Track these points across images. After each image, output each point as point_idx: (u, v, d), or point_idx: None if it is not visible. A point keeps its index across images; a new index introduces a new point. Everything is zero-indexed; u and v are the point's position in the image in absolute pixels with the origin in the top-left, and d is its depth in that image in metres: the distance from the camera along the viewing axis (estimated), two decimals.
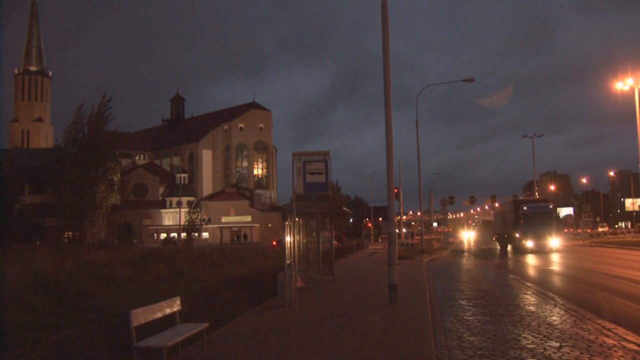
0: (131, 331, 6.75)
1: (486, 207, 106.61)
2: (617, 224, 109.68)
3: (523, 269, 23.71)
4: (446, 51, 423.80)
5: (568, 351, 7.62)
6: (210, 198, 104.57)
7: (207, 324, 8.10)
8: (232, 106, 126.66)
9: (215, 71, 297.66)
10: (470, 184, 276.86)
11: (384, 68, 13.58)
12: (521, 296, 14.00)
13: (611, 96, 41.35)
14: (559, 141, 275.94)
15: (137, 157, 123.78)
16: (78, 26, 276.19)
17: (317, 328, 9.83)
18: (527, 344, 8.13)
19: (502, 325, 9.79)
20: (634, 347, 7.79)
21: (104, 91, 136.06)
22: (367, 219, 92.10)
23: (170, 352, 7.22)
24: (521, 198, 58.06)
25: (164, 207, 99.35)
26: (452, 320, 10.51)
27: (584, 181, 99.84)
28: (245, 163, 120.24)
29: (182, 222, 77.66)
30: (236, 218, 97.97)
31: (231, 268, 22.14)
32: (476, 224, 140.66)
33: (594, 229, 69.26)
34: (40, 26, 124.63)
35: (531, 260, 28.92)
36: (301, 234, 15.96)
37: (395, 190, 14.42)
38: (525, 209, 36.00)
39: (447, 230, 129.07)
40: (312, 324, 10.12)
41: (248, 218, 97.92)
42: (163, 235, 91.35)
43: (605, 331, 8.93)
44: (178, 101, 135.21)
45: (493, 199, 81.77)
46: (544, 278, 19.80)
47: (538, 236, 34.79)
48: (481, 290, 15.80)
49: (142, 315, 7.09)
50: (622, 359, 7.22)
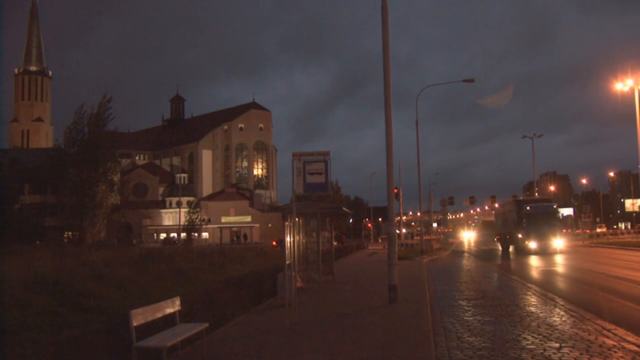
0: (131, 331, 6.75)
1: (486, 208, 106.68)
2: (616, 225, 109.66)
3: (524, 270, 23.54)
4: (446, 51, 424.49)
5: (568, 352, 7.62)
6: (210, 198, 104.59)
7: (207, 324, 8.11)
8: (232, 106, 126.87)
9: (215, 71, 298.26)
10: (470, 184, 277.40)
11: (384, 68, 13.59)
12: (521, 297, 14.00)
13: (611, 97, 41.46)
14: (559, 141, 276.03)
15: (137, 157, 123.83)
16: (78, 26, 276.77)
17: (317, 328, 9.84)
18: (527, 345, 8.13)
19: (502, 325, 9.79)
20: (634, 348, 7.79)
21: (104, 91, 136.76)
22: (367, 219, 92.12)
23: (170, 352, 7.22)
24: (522, 198, 58.04)
25: (164, 207, 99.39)
26: (452, 320, 10.51)
27: (584, 182, 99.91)
28: (245, 163, 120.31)
29: (182, 222, 77.63)
30: (236, 218, 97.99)
31: (231, 268, 22.13)
32: (476, 225, 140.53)
33: (593, 230, 69.30)
34: (40, 26, 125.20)
35: (534, 261, 28.51)
36: (301, 234, 15.96)
37: (395, 190, 14.43)
38: (528, 209, 35.13)
39: (447, 230, 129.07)
40: (312, 324, 10.12)
41: (248, 218, 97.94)
42: (163, 235, 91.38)
43: (605, 332, 8.93)
44: (178, 101, 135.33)
45: (493, 200, 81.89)
46: (547, 280, 19.77)
47: (541, 237, 33.99)
48: (481, 290, 15.79)
49: (142, 315, 7.09)
50: None
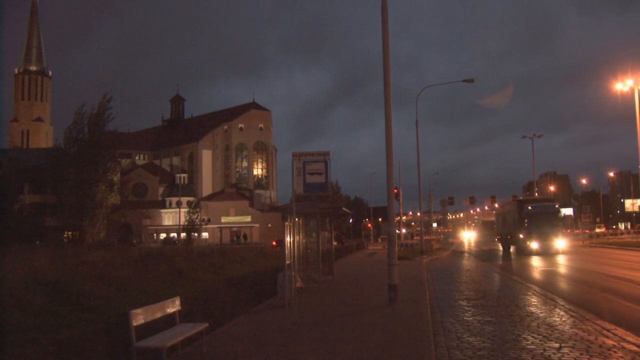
0: (131, 331, 6.76)
1: (486, 208, 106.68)
2: (615, 225, 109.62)
3: (525, 271, 23.39)
4: (446, 51, 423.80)
5: (568, 352, 7.62)
6: (210, 198, 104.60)
7: (207, 324, 8.11)
8: (232, 106, 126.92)
9: (215, 71, 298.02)
10: (470, 185, 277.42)
11: (384, 68, 13.59)
12: (521, 297, 13.99)
13: (611, 97, 41.53)
14: (559, 142, 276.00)
15: (137, 157, 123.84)
16: (78, 26, 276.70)
17: (317, 328, 9.84)
18: (527, 345, 8.13)
19: (502, 325, 9.79)
20: (634, 348, 7.80)
21: (104, 91, 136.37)
22: (367, 220, 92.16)
23: (169, 352, 7.22)
24: (522, 198, 57.99)
25: (164, 207, 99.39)
26: (452, 320, 10.51)
27: (584, 182, 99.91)
28: (245, 163, 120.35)
29: (182, 222, 77.68)
30: (236, 218, 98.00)
31: (231, 268, 22.15)
32: (476, 225, 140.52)
33: (592, 230, 69.33)
34: (40, 26, 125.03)
35: (535, 261, 28.26)
36: (301, 234, 15.97)
37: (395, 190, 14.43)
38: (530, 209, 34.66)
39: (447, 230, 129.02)
40: (312, 324, 10.12)
41: (248, 218, 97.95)
42: (163, 235, 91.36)
43: (604, 332, 8.94)
44: (178, 101, 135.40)
45: (493, 200, 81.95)
46: (548, 280, 19.75)
47: (543, 237, 33.52)
48: (481, 290, 15.79)
49: (142, 315, 7.10)
50: None
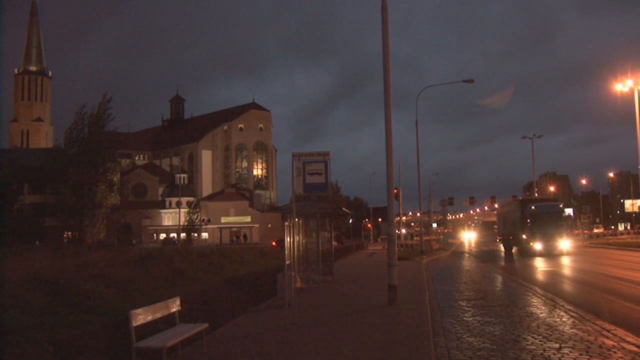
0: (131, 331, 6.76)
1: (485, 208, 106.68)
2: (613, 226, 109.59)
3: (525, 271, 23.20)
4: (446, 51, 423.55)
5: (568, 352, 7.62)
6: (209, 198, 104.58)
7: (207, 324, 8.11)
8: (232, 106, 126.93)
9: (215, 71, 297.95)
10: (469, 185, 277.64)
11: (384, 69, 13.59)
12: (521, 297, 14.00)
13: (611, 97, 41.57)
14: (559, 142, 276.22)
15: (137, 157, 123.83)
16: (78, 26, 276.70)
17: (317, 328, 9.84)
18: (527, 345, 8.13)
19: (502, 326, 9.79)
20: (633, 349, 7.79)
21: (104, 91, 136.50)
22: (367, 220, 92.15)
23: (169, 353, 7.22)
24: (522, 197, 57.94)
25: (164, 208, 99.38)
26: (452, 321, 10.51)
27: (584, 182, 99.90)
28: (244, 163, 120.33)
29: (182, 223, 77.68)
30: (236, 218, 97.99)
31: (231, 268, 22.11)
32: (476, 225, 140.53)
33: (590, 230, 69.38)
34: (40, 26, 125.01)
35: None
36: (301, 235, 15.97)
37: (394, 190, 14.43)
38: (533, 209, 34.00)
39: (447, 231, 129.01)
40: (312, 325, 10.12)
41: (247, 218, 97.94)
42: (162, 235, 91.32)
43: (604, 332, 8.93)
44: (178, 101, 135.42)
45: (493, 200, 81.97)
46: (550, 282, 19.73)
47: (547, 238, 32.85)
48: (481, 291, 15.79)
49: (142, 315, 7.10)
50: None
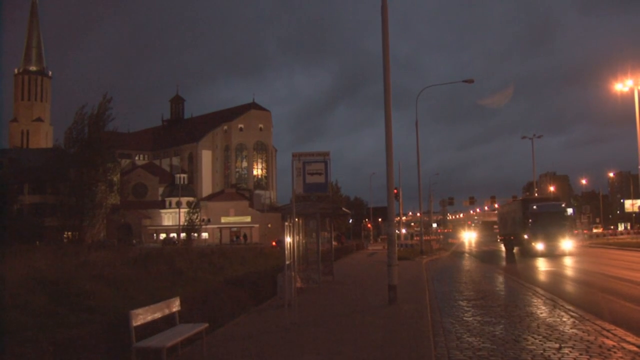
0: (131, 331, 6.76)
1: (485, 208, 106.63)
2: (612, 226, 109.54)
3: (526, 272, 23.03)
4: (446, 52, 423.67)
5: (567, 352, 7.62)
6: (209, 198, 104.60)
7: (207, 325, 8.11)
8: (232, 106, 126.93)
9: (215, 71, 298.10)
10: (469, 185, 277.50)
11: (384, 69, 13.59)
12: (521, 297, 13.99)
13: (611, 97, 41.62)
14: (559, 142, 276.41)
15: (137, 157, 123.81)
16: (78, 26, 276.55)
17: (317, 328, 9.84)
18: (527, 345, 8.13)
19: (502, 326, 9.80)
20: (633, 348, 7.79)
21: (104, 91, 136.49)
22: (367, 220, 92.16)
23: (169, 353, 7.22)
24: (523, 197, 57.91)
25: (164, 208, 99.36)
26: (452, 321, 10.51)
27: (584, 182, 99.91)
28: (244, 163, 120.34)
29: (182, 223, 77.65)
30: (236, 218, 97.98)
31: (231, 268, 22.08)
32: (476, 225, 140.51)
33: (589, 230, 69.39)
34: (40, 26, 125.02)
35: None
36: (301, 235, 15.96)
37: (395, 191, 14.43)
38: (535, 208, 33.48)
39: (447, 231, 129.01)
40: (312, 325, 10.12)
41: (247, 218, 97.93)
42: (162, 235, 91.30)
43: (604, 332, 8.93)
44: (178, 101, 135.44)
45: (493, 200, 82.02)
46: (550, 281, 19.71)
47: (549, 238, 32.29)
48: (480, 291, 15.79)
49: (142, 315, 7.10)
50: None
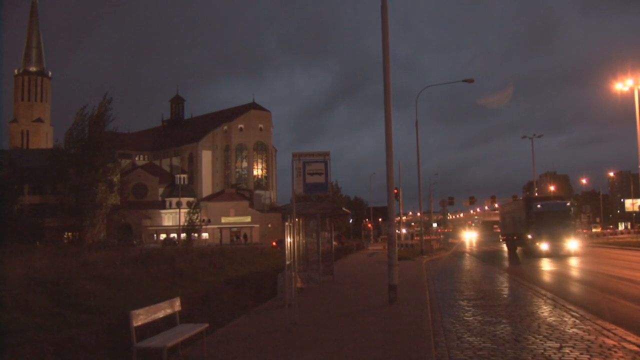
0: (131, 332, 6.76)
1: (486, 208, 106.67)
2: (611, 225, 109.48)
3: (527, 272, 22.91)
4: (446, 51, 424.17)
5: (568, 352, 7.62)
6: (210, 198, 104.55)
7: (207, 325, 8.11)
8: (232, 106, 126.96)
9: (215, 71, 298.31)
10: (469, 185, 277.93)
11: (384, 68, 13.59)
12: (521, 297, 13.99)
13: (611, 97, 41.61)
14: (559, 142, 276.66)
15: (137, 158, 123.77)
16: (78, 26, 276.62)
17: (317, 328, 9.83)
18: (527, 345, 8.13)
19: (502, 325, 9.80)
20: (634, 348, 7.79)
21: (104, 92, 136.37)
22: (367, 220, 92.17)
23: (170, 353, 7.21)
24: (524, 197, 57.85)
25: (164, 208, 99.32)
26: (452, 320, 10.51)
27: (584, 182, 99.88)
28: (244, 163, 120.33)
29: (182, 223, 77.60)
30: (236, 218, 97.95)
31: (231, 269, 22.12)
32: (476, 225, 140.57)
33: (589, 230, 69.36)
34: (40, 26, 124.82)
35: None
36: (301, 235, 15.96)
37: (395, 190, 14.43)
38: (539, 207, 32.84)
39: (447, 230, 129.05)
40: (312, 325, 10.12)
41: (248, 218, 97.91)
42: (163, 235, 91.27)
43: (605, 332, 8.93)
44: (178, 101, 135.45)
45: (493, 200, 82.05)
46: (551, 281, 19.72)
47: (554, 238, 31.61)
48: (481, 291, 15.78)
49: (142, 315, 7.10)
50: None
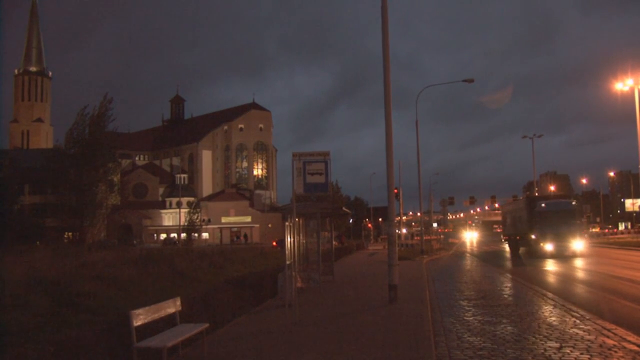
0: (131, 331, 6.76)
1: (486, 208, 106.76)
2: (610, 225, 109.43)
3: (529, 272, 22.94)
4: (447, 51, 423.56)
5: (568, 351, 7.62)
6: (210, 198, 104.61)
7: (207, 325, 8.11)
8: (232, 106, 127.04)
9: (215, 71, 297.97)
10: (470, 185, 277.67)
11: (384, 68, 13.59)
12: (521, 297, 13.99)
13: (611, 97, 41.65)
14: (559, 141, 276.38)
15: (137, 158, 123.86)
16: (78, 26, 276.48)
17: (317, 328, 9.83)
18: (528, 345, 8.13)
19: (502, 325, 9.80)
20: (634, 348, 7.79)
21: (104, 92, 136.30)
22: (367, 220, 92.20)
23: (170, 353, 7.22)
24: (522, 196, 57.83)
25: (164, 208, 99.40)
26: (452, 320, 10.52)
27: (584, 182, 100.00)
28: (245, 163, 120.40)
29: (182, 223, 77.65)
30: (236, 218, 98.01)
31: (231, 269, 22.09)
32: (476, 225, 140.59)
33: (588, 230, 69.24)
34: (40, 26, 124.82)
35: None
36: (301, 235, 15.96)
37: (395, 190, 14.42)
38: (543, 206, 31.96)
39: (447, 230, 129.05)
40: (312, 325, 10.12)
41: (248, 218, 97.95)
42: (163, 235, 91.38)
43: (605, 331, 8.93)
44: (178, 101, 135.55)
45: (493, 200, 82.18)
46: (551, 281, 19.73)
47: (559, 238, 30.70)
48: (481, 291, 15.79)
49: (143, 315, 7.10)
50: None
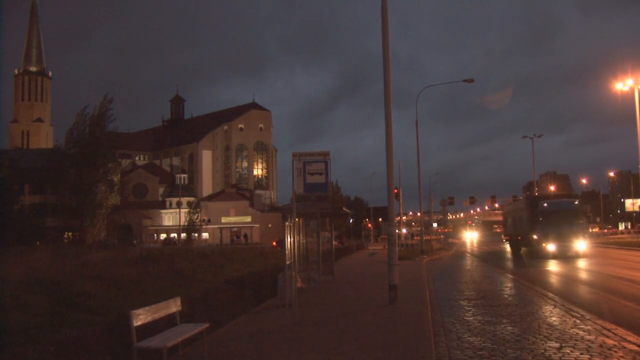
0: (132, 331, 6.76)
1: (486, 208, 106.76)
2: (610, 225, 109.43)
3: (530, 273, 22.89)
4: (447, 51, 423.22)
5: (568, 351, 7.62)
6: (210, 198, 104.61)
7: (207, 325, 8.11)
8: (232, 106, 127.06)
9: (215, 71, 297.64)
10: (470, 185, 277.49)
11: (384, 68, 13.59)
12: (522, 297, 13.99)
13: (611, 97, 41.68)
14: (559, 141, 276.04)
15: (137, 158, 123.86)
16: (78, 26, 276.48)
17: (317, 328, 9.84)
18: (528, 345, 8.13)
19: (502, 325, 9.80)
20: (634, 348, 7.79)
21: (104, 92, 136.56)
22: (367, 220, 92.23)
23: (170, 353, 7.22)
24: (521, 196, 57.82)
25: (164, 208, 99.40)
26: (452, 320, 10.52)
27: (584, 181, 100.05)
28: (245, 163, 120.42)
29: (182, 223, 77.68)
30: (236, 218, 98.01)
31: (231, 268, 22.10)
32: (476, 225, 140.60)
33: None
34: (40, 26, 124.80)
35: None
36: (301, 235, 15.96)
37: (395, 190, 14.43)
38: (545, 206, 31.37)
39: (447, 230, 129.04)
40: (312, 325, 10.12)
41: (248, 218, 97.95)
42: (163, 235, 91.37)
43: (605, 331, 8.93)
44: (178, 101, 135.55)
45: (493, 200, 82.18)
46: (551, 281, 19.74)
47: (562, 238, 30.03)
48: (481, 291, 15.79)
49: (143, 315, 7.10)
50: None
